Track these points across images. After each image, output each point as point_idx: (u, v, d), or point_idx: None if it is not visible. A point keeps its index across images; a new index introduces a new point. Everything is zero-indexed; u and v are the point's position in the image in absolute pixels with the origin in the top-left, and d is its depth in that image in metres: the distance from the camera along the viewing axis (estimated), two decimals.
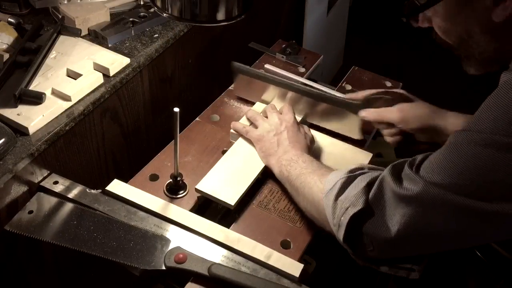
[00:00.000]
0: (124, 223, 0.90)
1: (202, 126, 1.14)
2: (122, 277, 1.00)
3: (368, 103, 1.07)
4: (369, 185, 0.79)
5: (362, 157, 1.09)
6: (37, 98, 0.96)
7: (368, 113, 1.06)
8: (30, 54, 1.04)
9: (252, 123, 1.10)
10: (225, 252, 0.86)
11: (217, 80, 1.25)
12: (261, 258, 0.85)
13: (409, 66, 2.60)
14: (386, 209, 0.76)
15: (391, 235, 0.75)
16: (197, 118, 1.16)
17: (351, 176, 0.83)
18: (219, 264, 0.83)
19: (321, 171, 0.91)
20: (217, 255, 0.86)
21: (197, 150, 1.08)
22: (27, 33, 1.09)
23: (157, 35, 1.19)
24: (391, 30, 3.00)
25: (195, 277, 0.83)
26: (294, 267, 0.84)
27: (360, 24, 2.88)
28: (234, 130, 1.09)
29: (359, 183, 0.80)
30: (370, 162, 1.06)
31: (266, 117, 1.09)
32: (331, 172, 0.89)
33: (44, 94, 0.96)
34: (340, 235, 0.79)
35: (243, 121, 1.12)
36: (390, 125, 1.04)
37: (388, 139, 1.07)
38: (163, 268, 0.84)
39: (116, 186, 0.96)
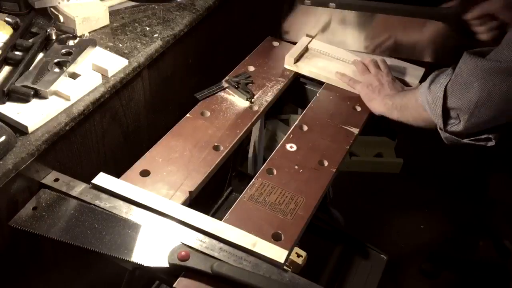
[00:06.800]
0: (127, 220, 0.90)
1: (193, 122, 1.13)
2: (122, 275, 1.00)
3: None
4: (453, 69, 0.98)
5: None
6: (25, 96, 0.96)
7: (471, 12, 1.13)
8: (22, 51, 1.04)
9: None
10: (226, 247, 0.87)
11: (217, 80, 1.25)
12: (248, 246, 0.87)
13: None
14: (469, 80, 0.93)
15: (474, 100, 0.92)
16: (187, 114, 1.15)
17: (437, 73, 1.03)
18: (222, 261, 0.84)
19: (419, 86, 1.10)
20: (218, 250, 0.86)
21: (188, 146, 1.08)
22: (18, 30, 1.09)
23: (157, 35, 1.19)
24: None
25: (198, 274, 0.83)
26: (279, 254, 0.86)
27: None
28: (341, 80, 1.26)
29: (446, 70, 1.01)
30: (370, 162, 1.07)
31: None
32: None
33: (33, 91, 0.96)
34: (438, 110, 0.99)
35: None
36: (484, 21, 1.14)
37: (485, 36, 1.14)
38: (167, 265, 0.84)
39: (103, 179, 0.96)
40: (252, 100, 1.19)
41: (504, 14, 1.09)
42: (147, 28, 1.21)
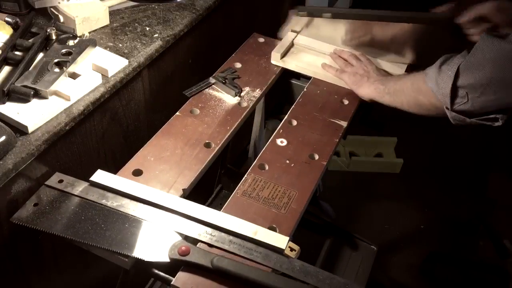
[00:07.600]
0: (129, 216, 0.91)
1: (183, 120, 1.13)
2: (120, 273, 1.00)
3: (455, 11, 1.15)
4: (468, 51, 0.98)
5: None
6: (25, 96, 0.96)
7: (465, 15, 1.15)
8: (22, 51, 1.05)
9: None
10: (235, 239, 0.88)
11: None
12: (249, 234, 0.88)
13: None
14: (485, 58, 0.94)
15: (487, 78, 0.93)
16: (177, 113, 1.15)
17: (448, 56, 1.02)
18: (221, 256, 0.85)
19: (414, 72, 1.12)
20: (228, 242, 0.88)
21: (179, 144, 1.08)
22: (18, 30, 1.09)
23: (157, 35, 1.19)
24: None
25: (197, 269, 0.84)
26: (280, 240, 0.88)
27: None
28: (328, 71, 1.28)
29: (459, 53, 1.00)
30: (370, 162, 1.07)
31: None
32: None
33: (33, 91, 0.96)
34: (447, 88, 0.99)
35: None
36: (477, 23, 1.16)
37: (477, 38, 1.15)
38: (167, 260, 0.85)
39: (101, 176, 0.96)
40: (241, 95, 1.20)
41: (496, 16, 1.10)
42: (147, 28, 1.21)
